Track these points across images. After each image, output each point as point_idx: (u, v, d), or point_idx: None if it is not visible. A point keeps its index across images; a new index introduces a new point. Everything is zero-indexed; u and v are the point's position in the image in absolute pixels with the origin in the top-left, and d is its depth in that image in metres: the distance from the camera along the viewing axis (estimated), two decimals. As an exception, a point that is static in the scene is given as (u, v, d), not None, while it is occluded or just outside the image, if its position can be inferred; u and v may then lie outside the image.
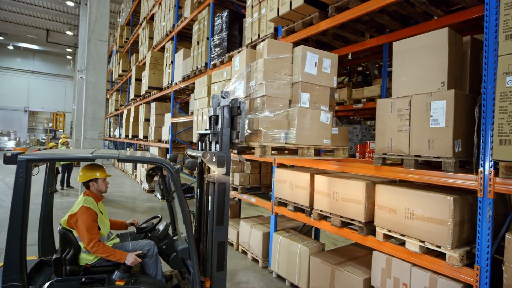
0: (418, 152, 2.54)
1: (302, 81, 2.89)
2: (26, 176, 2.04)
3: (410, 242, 2.58)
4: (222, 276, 2.54)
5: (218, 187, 2.51)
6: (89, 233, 2.30)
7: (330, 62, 3.06)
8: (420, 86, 2.58)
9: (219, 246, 2.53)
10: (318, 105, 2.97)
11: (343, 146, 3.20)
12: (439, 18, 3.36)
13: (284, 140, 2.82)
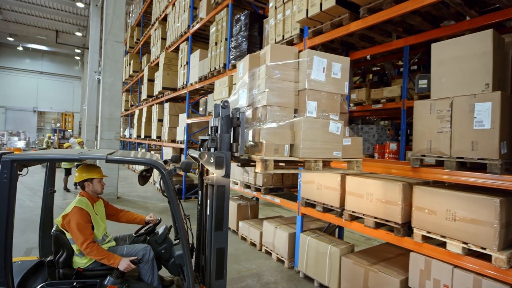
0: (460, 153, 2.54)
1: (309, 89, 2.66)
2: (10, 176, 1.98)
3: (452, 244, 2.58)
4: (221, 285, 2.39)
5: (217, 190, 2.37)
6: (82, 233, 2.23)
7: (341, 66, 2.78)
8: (462, 87, 2.58)
9: (218, 253, 2.39)
10: (327, 114, 2.73)
11: (356, 158, 2.87)
12: (472, 19, 3.35)
13: (288, 153, 2.59)
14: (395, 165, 3.18)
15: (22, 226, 5.91)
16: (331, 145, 2.67)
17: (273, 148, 2.51)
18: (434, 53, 2.80)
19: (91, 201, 2.49)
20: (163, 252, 2.61)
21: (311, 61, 2.67)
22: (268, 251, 4.90)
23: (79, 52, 27.29)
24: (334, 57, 2.78)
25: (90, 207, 2.45)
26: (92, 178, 2.51)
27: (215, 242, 2.38)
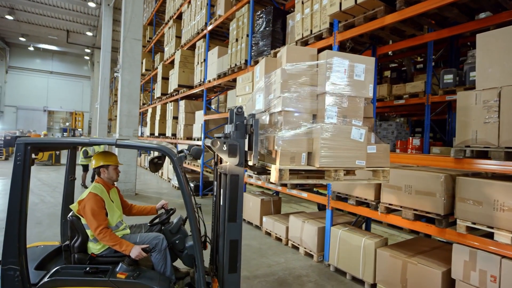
0: (509, 143, 2.53)
1: (328, 92, 2.45)
2: (24, 158, 2.04)
3: (500, 234, 2.57)
4: (234, 278, 2.29)
5: (231, 180, 2.29)
6: (96, 219, 2.25)
7: (364, 67, 2.52)
8: (510, 77, 2.57)
9: (232, 245, 2.30)
10: (349, 120, 2.51)
11: (382, 167, 2.61)
12: (511, 10, 3.34)
13: (305, 161, 2.42)
14: (435, 157, 3.18)
15: (48, 220, 6.00)
16: (354, 153, 2.45)
17: (289, 156, 2.35)
18: (479, 43, 2.79)
19: (106, 188, 2.52)
20: (177, 243, 2.55)
21: (331, 63, 2.46)
22: (295, 246, 4.92)
23: (89, 52, 27.54)
24: (357, 58, 2.56)
25: (105, 193, 2.47)
26: (108, 164, 2.54)
27: (228, 233, 2.30)
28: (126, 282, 2.10)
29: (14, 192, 2.01)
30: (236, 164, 2.28)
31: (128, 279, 2.12)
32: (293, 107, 2.48)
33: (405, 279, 3.28)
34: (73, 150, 2.90)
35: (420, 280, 3.16)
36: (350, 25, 4.06)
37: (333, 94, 2.47)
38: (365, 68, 2.55)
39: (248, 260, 4.43)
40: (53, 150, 2.96)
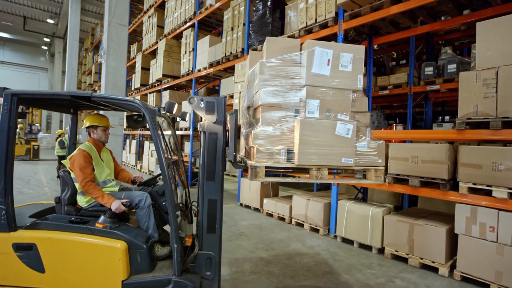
0: (505, 113, 3.02)
1: (308, 85, 2.28)
2: (10, 107, 2.16)
3: (498, 191, 3.05)
4: (213, 238, 2.31)
5: (209, 138, 2.30)
6: (82, 172, 2.36)
7: (351, 57, 2.33)
8: (506, 58, 3.06)
9: (210, 205, 2.31)
10: (333, 114, 2.33)
11: (375, 166, 2.37)
12: (495, 7, 3.90)
13: (285, 159, 2.27)
14: (438, 130, 3.62)
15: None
16: (339, 150, 2.26)
17: (266, 153, 2.24)
18: (479, 30, 3.26)
19: (96, 147, 2.63)
20: (164, 204, 2.54)
21: (312, 53, 2.28)
22: (299, 223, 5.19)
23: (48, 41, 25.57)
24: (343, 46, 2.40)
25: (95, 151, 2.57)
26: (97, 125, 2.63)
27: (206, 192, 2.29)
28: (102, 231, 2.17)
29: (1, 139, 2.14)
30: (214, 122, 2.28)
31: (105, 229, 2.20)
32: (272, 102, 2.34)
33: (412, 240, 3.70)
34: (73, 115, 3.02)
35: (426, 238, 3.59)
36: (356, 14, 4.42)
37: (314, 87, 2.29)
38: (353, 58, 2.34)
39: (260, 236, 4.62)
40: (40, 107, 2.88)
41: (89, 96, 2.24)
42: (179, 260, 2.11)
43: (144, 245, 2.17)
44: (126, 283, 2.07)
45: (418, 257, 3.64)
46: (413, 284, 3.22)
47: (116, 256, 2.08)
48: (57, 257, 2.13)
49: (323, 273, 3.41)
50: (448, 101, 8.41)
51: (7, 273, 2.13)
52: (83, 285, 2.13)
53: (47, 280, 2.11)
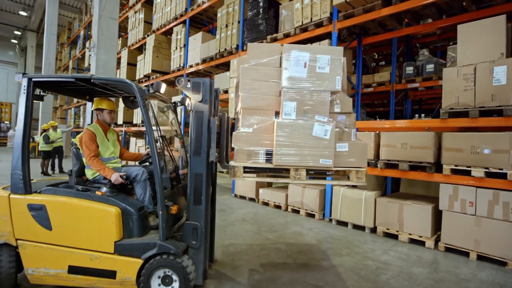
0: (482, 104, 3.50)
1: (285, 87, 2.38)
2: (28, 90, 2.53)
3: (476, 170, 3.52)
4: (198, 210, 2.48)
5: (196, 116, 2.47)
6: (88, 148, 2.67)
7: (329, 59, 2.37)
8: (482, 56, 3.55)
9: (196, 178, 2.47)
10: (311, 116, 2.36)
11: (355, 167, 2.38)
12: (471, 12, 4.45)
13: (264, 159, 2.38)
14: (424, 120, 4.07)
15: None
16: (317, 151, 2.31)
17: (245, 154, 2.36)
18: (460, 31, 3.74)
19: (102, 128, 2.90)
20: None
21: (289, 57, 2.38)
22: (295, 210, 5.52)
23: (18, 34, 24.31)
24: (320, 49, 2.44)
25: (100, 131, 2.85)
26: (102, 108, 2.89)
27: (193, 167, 2.47)
28: (101, 198, 2.46)
29: (22, 118, 2.55)
30: (200, 101, 2.45)
31: (104, 196, 2.49)
32: (252, 105, 2.44)
33: (402, 218, 4.13)
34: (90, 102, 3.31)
35: (414, 216, 4.03)
36: (349, 15, 4.82)
37: (290, 89, 2.37)
38: (331, 59, 2.38)
39: (260, 221, 4.89)
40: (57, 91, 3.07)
41: (89, 78, 2.50)
42: (164, 226, 2.36)
43: (136, 212, 2.45)
44: (118, 243, 2.37)
45: (407, 233, 4.07)
46: (405, 255, 3.63)
47: (110, 220, 2.37)
48: (62, 218, 2.45)
49: (326, 248, 3.74)
50: (425, 99, 9.11)
51: (23, 229, 2.47)
52: (83, 243, 2.42)
53: (53, 236, 2.44)
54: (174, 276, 2.32)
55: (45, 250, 2.44)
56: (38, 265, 2.46)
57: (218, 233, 4.08)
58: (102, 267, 2.38)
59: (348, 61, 5.74)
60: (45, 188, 2.58)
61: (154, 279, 2.33)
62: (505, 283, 2.93)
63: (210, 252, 2.96)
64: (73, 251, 2.42)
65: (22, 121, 2.57)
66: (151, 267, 2.31)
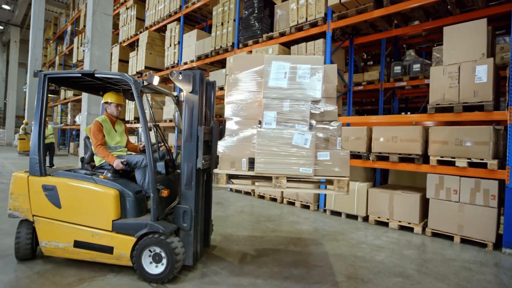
0: (465, 100, 3.81)
1: (265, 97, 2.44)
2: (43, 85, 2.86)
3: (459, 161, 3.84)
4: (189, 194, 2.66)
5: (186, 106, 2.64)
6: (95, 138, 2.95)
7: (310, 68, 2.40)
8: (466, 56, 3.86)
9: (187, 164, 2.68)
10: (291, 125, 2.41)
11: (337, 177, 2.37)
12: (455, 15, 4.79)
13: (246, 167, 2.47)
14: (413, 115, 4.37)
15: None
16: (297, 160, 2.34)
17: (228, 161, 2.46)
18: (446, 33, 4.04)
19: (110, 120, 3.16)
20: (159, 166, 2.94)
21: (269, 67, 2.44)
22: (290, 202, 5.74)
23: (0, 29, 23.57)
24: (300, 58, 2.49)
25: (108, 123, 3.11)
26: (110, 102, 3.14)
27: (185, 153, 2.67)
28: (103, 181, 2.73)
29: (37, 109, 2.88)
30: (190, 92, 2.64)
31: (106, 180, 2.75)
32: (236, 114, 2.53)
33: (392, 206, 4.42)
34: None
35: (404, 205, 4.32)
36: (343, 16, 5.07)
37: (271, 99, 2.42)
38: (311, 69, 2.39)
39: (258, 212, 5.09)
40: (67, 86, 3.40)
41: (93, 73, 2.76)
42: (155, 207, 2.58)
43: (133, 195, 2.68)
44: (115, 222, 2.62)
45: (397, 220, 4.36)
46: (396, 239, 3.91)
47: (109, 200, 2.62)
48: (69, 198, 2.74)
49: (323, 235, 3.98)
50: (411, 98, 9.53)
51: (38, 207, 2.79)
52: (86, 220, 2.68)
53: (62, 214, 2.74)
54: (163, 254, 2.50)
55: (56, 225, 2.74)
56: (50, 238, 2.75)
57: (219, 223, 4.26)
58: (101, 243, 2.64)
59: (340, 59, 6.01)
60: (57, 172, 2.90)
61: (145, 256, 2.54)
62: (485, 262, 3.24)
63: (206, 237, 3.12)
64: (78, 228, 2.69)
65: (38, 113, 2.88)
66: (142, 245, 2.52)
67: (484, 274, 2.92)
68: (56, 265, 2.80)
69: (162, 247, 2.49)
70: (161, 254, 2.51)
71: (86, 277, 2.59)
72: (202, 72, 2.73)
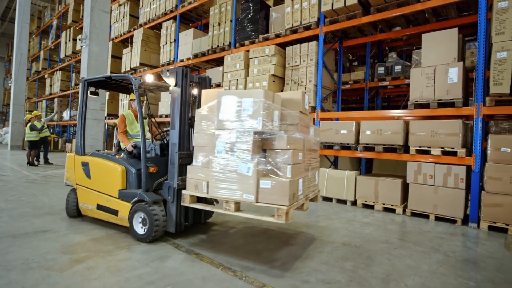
0: (439, 97, 4.43)
1: (217, 129, 2.65)
2: (83, 89, 3.73)
3: (434, 150, 4.46)
4: (173, 169, 3.09)
5: (172, 97, 3.11)
6: (119, 127, 3.77)
7: (252, 101, 2.50)
8: (440, 60, 4.48)
9: (172, 147, 3.10)
10: (238, 154, 2.55)
11: (276, 205, 2.40)
12: (432, 23, 5.43)
13: (206, 190, 2.72)
14: (393, 110, 4.98)
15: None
16: (241, 187, 2.48)
17: (194, 184, 2.78)
18: (424, 39, 4.65)
19: (133, 113, 3.93)
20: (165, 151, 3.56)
21: (220, 101, 2.64)
22: (285, 190, 6.24)
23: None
24: (244, 93, 2.61)
25: (131, 115, 3.90)
26: (133, 99, 3.94)
27: (170, 138, 3.12)
28: (118, 160, 3.45)
29: (80, 108, 3.78)
30: (174, 85, 3.11)
31: (119, 159, 3.46)
32: (199, 143, 2.85)
33: (377, 191, 5.01)
34: None
35: (387, 189, 4.92)
36: (334, 21, 5.61)
37: (221, 130, 2.61)
38: (253, 101, 2.50)
39: (257, 198, 5.56)
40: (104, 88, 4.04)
41: (110, 76, 3.53)
42: (145, 181, 3.15)
43: (135, 171, 3.30)
44: (120, 191, 3.30)
45: (381, 203, 4.96)
46: (381, 218, 4.49)
47: (117, 174, 3.32)
48: (95, 171, 3.57)
49: (318, 215, 4.51)
50: (392, 97, 10.27)
51: (79, 178, 3.72)
52: (104, 188, 3.44)
53: (91, 183, 3.60)
54: (147, 219, 3.02)
55: (87, 192, 3.63)
56: (84, 201, 3.67)
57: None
58: (111, 207, 3.36)
59: (331, 60, 6.56)
60: (92, 152, 3.79)
61: (136, 219, 3.12)
62: (454, 233, 3.86)
63: (198, 215, 3.52)
64: (99, 194, 3.49)
65: (80, 110, 3.85)
66: (134, 210, 3.12)
67: (453, 241, 3.52)
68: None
69: (146, 213, 3.02)
70: (146, 219, 3.03)
71: (122, 245, 2.98)
72: (185, 69, 3.18)
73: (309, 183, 3.10)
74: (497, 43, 3.88)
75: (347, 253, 2.99)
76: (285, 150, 2.55)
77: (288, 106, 2.85)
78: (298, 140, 2.73)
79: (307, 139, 3.01)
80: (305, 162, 2.92)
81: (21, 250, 2.67)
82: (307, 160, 3.03)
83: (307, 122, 3.05)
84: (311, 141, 3.16)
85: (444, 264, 2.80)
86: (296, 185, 2.59)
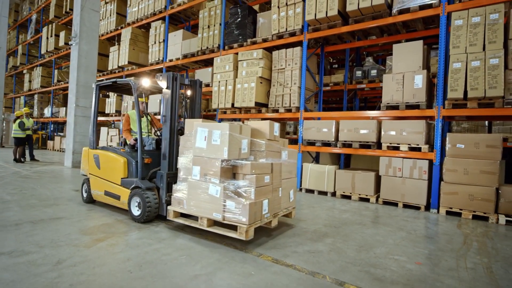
0: (407, 100, 5.09)
1: (193, 155, 3.05)
2: (96, 93, 4.35)
3: (402, 146, 5.12)
4: (165, 163, 3.53)
5: (164, 97, 3.54)
6: (123, 125, 4.33)
7: (220, 133, 2.85)
8: (408, 67, 5.14)
9: (164, 141, 3.54)
10: (209, 178, 2.94)
11: (239, 223, 2.75)
12: (402, 34, 6.11)
13: (186, 207, 3.11)
14: (368, 111, 5.61)
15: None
16: (211, 206, 2.88)
17: (177, 201, 3.20)
18: (395, 49, 5.29)
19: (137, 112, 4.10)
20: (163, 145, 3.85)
21: (196, 132, 3.01)
22: (271, 184, 6.76)
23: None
24: (214, 125, 2.94)
25: (134, 115, 4.35)
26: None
27: (163, 133, 3.57)
28: (121, 152, 3.93)
29: (93, 109, 4.46)
30: (166, 88, 3.55)
31: (124, 152, 3.94)
32: (182, 165, 3.24)
33: (354, 183, 5.62)
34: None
35: (363, 181, 5.54)
36: (317, 29, 6.17)
37: (196, 157, 3.03)
38: (221, 134, 2.84)
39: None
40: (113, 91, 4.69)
41: (115, 81, 4.08)
42: (140, 170, 3.64)
43: (134, 162, 3.74)
44: (122, 179, 3.81)
45: (357, 194, 5.58)
46: (357, 206, 5.10)
47: (120, 164, 3.83)
48: (103, 162, 4.08)
49: (301, 204, 5.05)
50: (369, 98, 11.04)
51: (91, 168, 4.28)
52: (110, 177, 3.95)
53: (100, 172, 4.12)
54: (141, 202, 3.49)
55: (98, 180, 4.17)
56: (95, 188, 4.23)
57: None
58: (115, 193, 3.89)
59: (313, 64, 7.13)
60: (102, 146, 4.36)
61: (133, 203, 3.61)
62: (417, 217, 4.52)
63: None
64: (106, 182, 4.02)
65: (93, 110, 4.50)
66: (131, 195, 3.62)
67: (415, 223, 4.16)
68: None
69: (140, 198, 3.50)
70: (140, 202, 3.51)
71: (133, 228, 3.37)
72: (176, 74, 3.63)
73: (278, 202, 3.36)
74: (453, 55, 4.56)
75: (328, 232, 3.54)
76: (250, 175, 2.85)
77: (258, 135, 3.24)
78: (265, 165, 3.03)
79: (277, 162, 3.27)
80: (273, 184, 3.17)
81: (44, 233, 3.01)
82: (277, 181, 3.28)
83: (277, 148, 3.33)
84: (282, 163, 3.40)
85: (406, 239, 3.40)
86: (260, 205, 2.90)
